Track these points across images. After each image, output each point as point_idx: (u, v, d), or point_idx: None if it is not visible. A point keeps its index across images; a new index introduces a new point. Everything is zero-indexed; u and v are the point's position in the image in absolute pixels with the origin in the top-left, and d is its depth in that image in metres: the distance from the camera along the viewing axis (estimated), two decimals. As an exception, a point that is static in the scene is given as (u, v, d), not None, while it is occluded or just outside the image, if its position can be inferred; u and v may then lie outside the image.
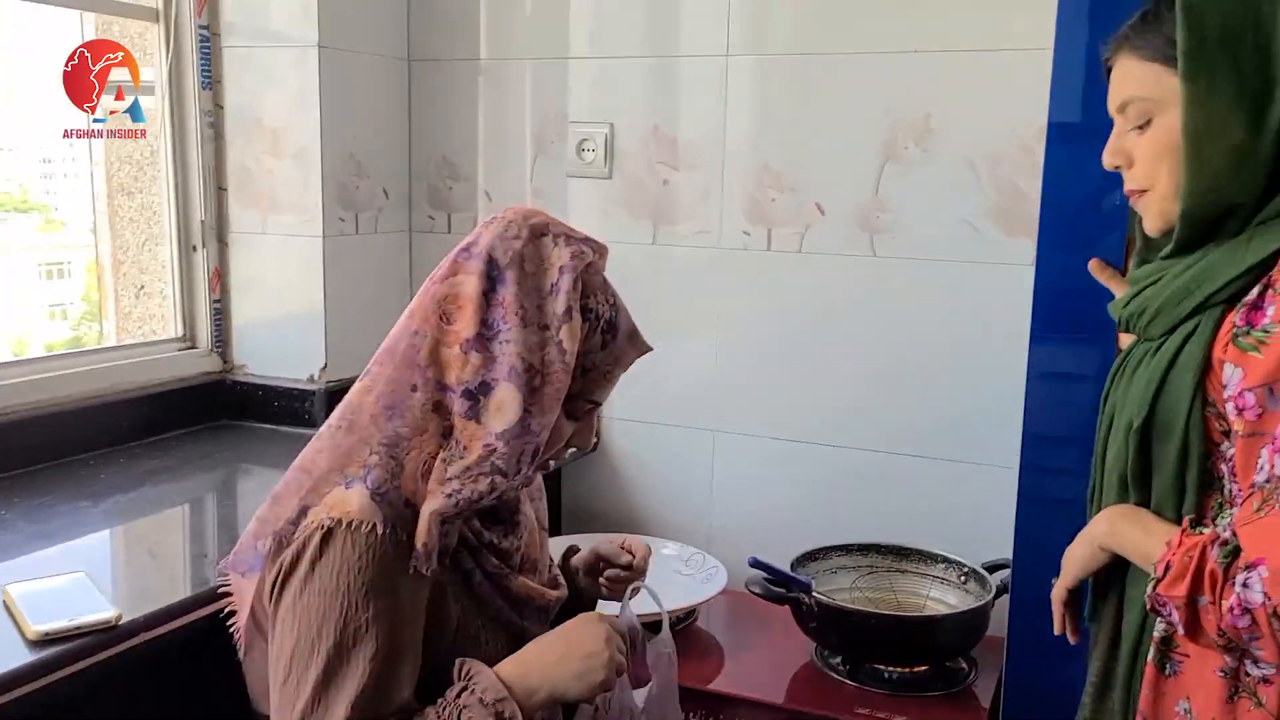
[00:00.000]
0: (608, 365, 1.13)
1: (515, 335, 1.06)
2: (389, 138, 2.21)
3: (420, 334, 1.08)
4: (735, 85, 1.97)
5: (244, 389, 2.14)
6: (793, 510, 2.03)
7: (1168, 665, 1.09)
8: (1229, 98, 1.02)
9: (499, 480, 1.06)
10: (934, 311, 1.87)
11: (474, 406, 1.06)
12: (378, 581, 1.01)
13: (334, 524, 1.02)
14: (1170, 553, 1.01)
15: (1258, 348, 0.97)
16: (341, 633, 1.00)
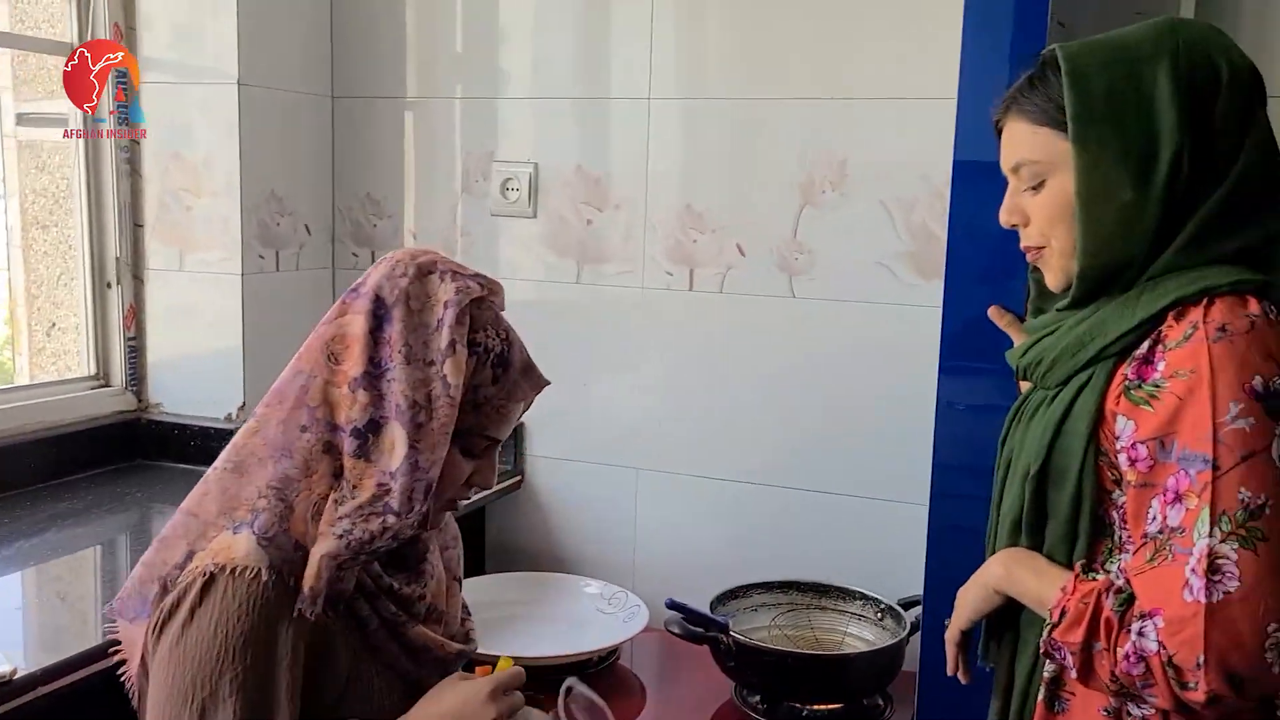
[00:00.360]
0: (500, 400, 1.12)
1: (401, 373, 1.06)
2: (312, 174, 2.20)
3: (309, 375, 1.08)
4: (657, 127, 1.99)
5: (159, 428, 2.10)
6: (716, 548, 2.04)
7: (1056, 703, 1.12)
8: (1116, 160, 1.05)
9: (391, 520, 1.05)
10: (851, 352, 1.90)
11: (363, 445, 1.06)
12: (257, 631, 1.00)
13: (217, 570, 1.01)
14: (1065, 598, 1.04)
15: (1149, 402, 1.01)
16: (216, 683, 0.98)
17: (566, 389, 2.11)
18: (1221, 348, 0.97)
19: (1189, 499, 0.96)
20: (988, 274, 1.45)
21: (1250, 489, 0.95)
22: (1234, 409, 0.96)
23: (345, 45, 2.19)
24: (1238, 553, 0.94)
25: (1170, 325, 1.02)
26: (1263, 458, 0.95)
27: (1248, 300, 1.00)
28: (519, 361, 1.14)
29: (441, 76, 2.16)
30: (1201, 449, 0.96)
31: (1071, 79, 1.07)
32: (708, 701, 1.76)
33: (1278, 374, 0.97)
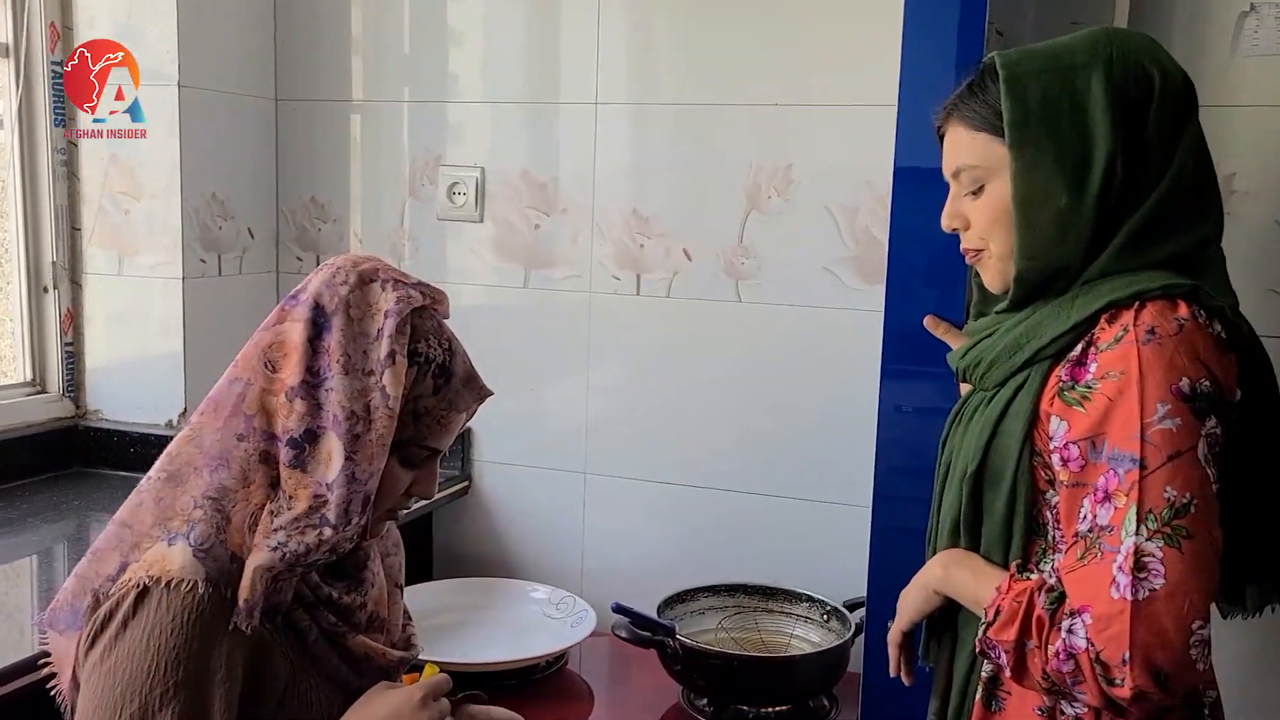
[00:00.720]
0: (441, 411, 1.10)
1: (339, 383, 1.04)
2: (255, 178, 2.17)
3: (246, 382, 1.06)
4: (605, 132, 2.00)
5: (98, 435, 2.06)
6: (664, 551, 2.04)
7: (993, 703, 1.14)
8: (1052, 166, 1.08)
9: (327, 533, 1.03)
10: (797, 356, 1.92)
11: (300, 455, 1.03)
12: (191, 644, 0.98)
13: (151, 582, 0.99)
14: (1000, 598, 1.06)
15: (1081, 403, 1.03)
16: (146, 697, 0.96)
17: (514, 394, 2.11)
18: (1150, 350, 1.00)
19: (1117, 498, 0.99)
20: (928, 279, 1.47)
21: (1176, 488, 0.97)
22: (1161, 410, 0.98)
23: (289, 47, 2.17)
24: (1163, 550, 0.96)
25: (1102, 328, 1.05)
26: (1188, 458, 0.98)
27: (1178, 304, 1.03)
28: (461, 371, 1.12)
29: (388, 80, 2.15)
30: (1129, 449, 0.99)
31: (1008, 86, 1.09)
32: (655, 705, 1.76)
33: (1204, 376, 1.00)
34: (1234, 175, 1.60)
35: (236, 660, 1.01)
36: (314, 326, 1.05)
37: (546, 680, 1.81)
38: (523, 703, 1.52)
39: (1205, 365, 1.00)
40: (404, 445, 1.09)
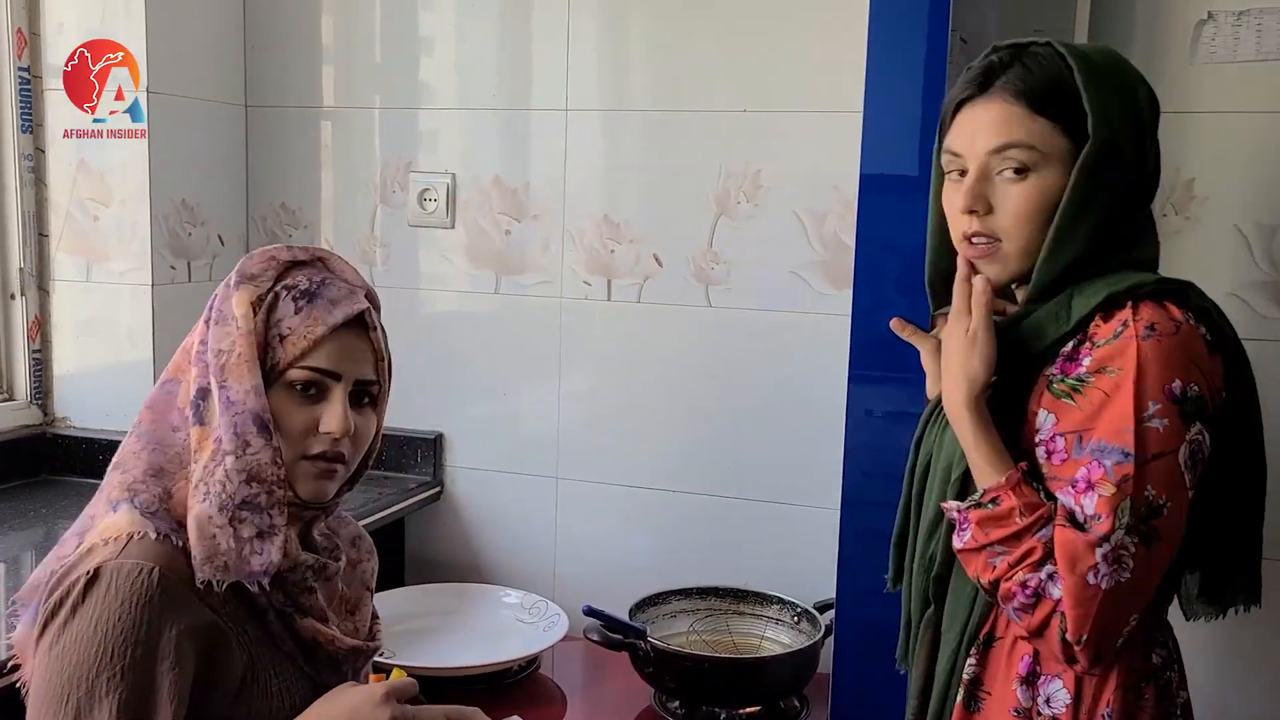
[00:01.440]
0: (307, 327, 1.09)
1: (209, 335, 1.09)
2: (225, 184, 2.16)
3: (175, 381, 1.12)
4: (575, 138, 2.01)
5: (66, 443, 2.05)
6: (636, 555, 2.05)
7: (973, 703, 1.15)
8: (1114, 180, 1.07)
9: (230, 460, 1.04)
10: (767, 360, 1.93)
11: (197, 411, 1.07)
12: (139, 629, 0.98)
13: (101, 567, 0.99)
14: (1006, 490, 1.05)
15: (1072, 395, 1.04)
16: (93, 682, 0.97)
17: (486, 399, 2.12)
18: (1150, 345, 1.01)
19: (1103, 486, 1.00)
20: (896, 285, 1.48)
21: (1155, 488, 0.99)
22: (1152, 408, 1.00)
23: (259, 53, 2.17)
24: (1136, 546, 0.99)
25: (1098, 324, 1.06)
26: (1170, 461, 1.00)
27: (1167, 306, 1.04)
28: (328, 295, 1.12)
29: (358, 85, 2.15)
30: (1120, 442, 1.00)
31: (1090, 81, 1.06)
32: (628, 708, 1.77)
33: (1195, 381, 1.01)
34: (1194, 180, 1.63)
35: (187, 648, 1.01)
36: (207, 307, 1.12)
37: (519, 684, 1.82)
38: (495, 707, 1.52)
39: (1197, 368, 1.02)
40: (282, 370, 1.09)
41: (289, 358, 1.09)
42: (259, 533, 1.05)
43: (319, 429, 1.10)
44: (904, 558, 1.26)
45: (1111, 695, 1.07)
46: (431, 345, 2.11)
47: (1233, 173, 1.63)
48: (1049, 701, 1.09)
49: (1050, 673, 1.09)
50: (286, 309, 1.10)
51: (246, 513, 1.05)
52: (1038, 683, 1.10)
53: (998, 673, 1.13)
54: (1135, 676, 1.09)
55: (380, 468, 2.14)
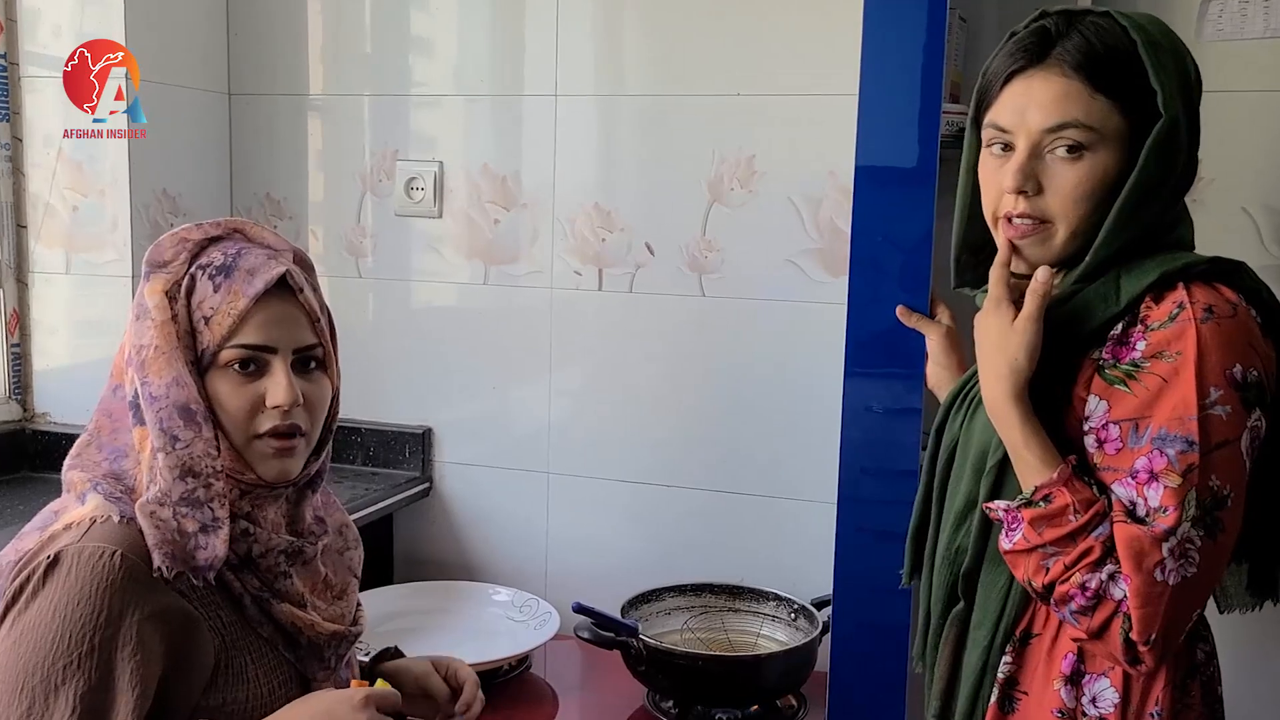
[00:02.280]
0: (229, 304, 1.05)
1: (131, 330, 1.06)
2: (208, 174, 2.12)
3: (121, 385, 1.08)
4: (565, 125, 1.96)
5: (46, 439, 2.01)
6: (630, 551, 2.01)
7: (1008, 704, 1.10)
8: (1175, 167, 1.04)
9: (161, 458, 1.01)
10: (762, 350, 1.89)
11: (136, 413, 1.04)
12: (99, 615, 0.95)
13: (62, 552, 0.97)
14: (1059, 488, 1.00)
15: (1127, 382, 0.99)
16: (49, 670, 0.93)
17: (475, 393, 2.07)
18: (1210, 330, 0.96)
19: (1168, 477, 0.95)
20: (894, 278, 1.43)
21: (1219, 478, 0.95)
22: (1214, 394, 0.95)
23: (242, 40, 2.12)
24: (1201, 540, 0.95)
25: (1149, 306, 1.01)
26: (1233, 449, 0.96)
27: (1218, 288, 1.00)
28: (245, 266, 1.07)
29: (344, 73, 2.10)
30: (1183, 430, 0.95)
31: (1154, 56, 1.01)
32: (621, 707, 1.73)
33: (1254, 365, 0.96)
34: (1199, 162, 1.57)
35: (151, 634, 0.98)
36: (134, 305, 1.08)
37: (510, 684, 1.77)
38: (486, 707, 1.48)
39: (1256, 352, 0.97)
40: (215, 354, 1.05)
41: (217, 339, 1.05)
42: (201, 527, 1.02)
43: (266, 405, 1.06)
44: (922, 551, 1.21)
45: (1161, 693, 1.03)
46: (419, 338, 2.06)
47: (1241, 154, 1.58)
48: (1095, 701, 1.04)
49: (1096, 671, 1.05)
50: (205, 289, 1.06)
51: (186, 508, 1.01)
52: (1083, 682, 1.05)
53: (1036, 671, 1.08)
54: (1183, 673, 1.05)
55: (368, 463, 2.10)
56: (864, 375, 1.49)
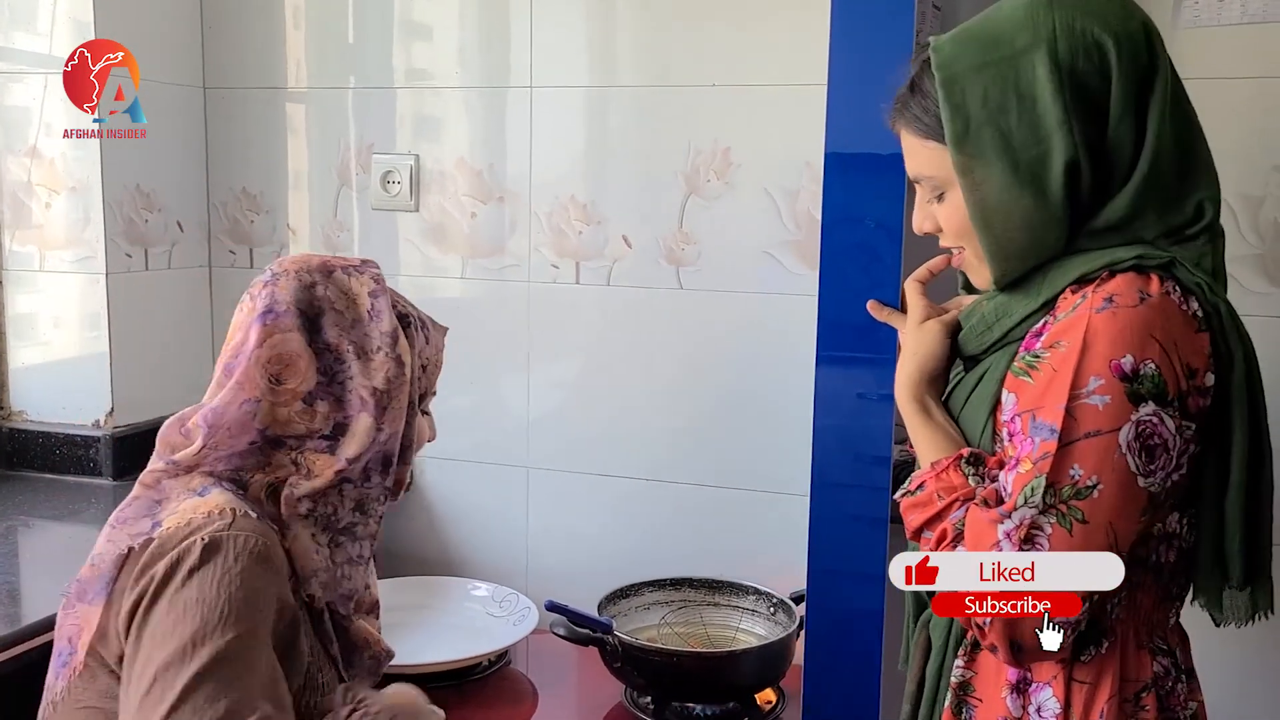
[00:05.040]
0: (434, 355, 1.25)
1: (354, 370, 1.13)
2: (182, 169, 2.10)
3: (255, 400, 1.11)
4: (541, 117, 1.94)
5: (22, 437, 2.00)
6: (610, 546, 2.00)
7: (964, 710, 1.09)
8: (1007, 175, 1.00)
9: (348, 488, 1.14)
10: (739, 342, 1.87)
11: (331, 445, 1.13)
12: (259, 595, 1.03)
13: (216, 537, 1.03)
14: (929, 475, 1.04)
15: (1029, 373, 0.98)
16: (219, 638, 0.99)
17: (453, 388, 2.04)
18: (1102, 318, 0.94)
19: (1023, 464, 0.95)
20: (862, 265, 1.41)
21: (1084, 468, 0.93)
22: (1092, 384, 0.93)
23: (216, 33, 2.10)
24: (1053, 528, 0.93)
25: (1065, 298, 1.00)
26: (1106, 441, 0.93)
27: (1150, 278, 0.96)
28: (426, 316, 1.26)
29: (320, 66, 2.08)
30: (1051, 419, 0.94)
31: (945, 92, 1.01)
32: (599, 703, 1.72)
33: (1153, 358, 0.93)
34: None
35: (284, 625, 1.07)
36: (308, 331, 1.13)
37: (489, 680, 1.77)
38: (464, 703, 1.48)
39: (1158, 345, 0.93)
40: (421, 399, 1.23)
41: (427, 387, 1.24)
42: (349, 559, 1.13)
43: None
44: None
45: (1105, 706, 1.00)
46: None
47: (1218, 141, 1.55)
48: (1039, 711, 1.03)
49: (1041, 680, 1.03)
50: (419, 339, 1.22)
51: (344, 539, 1.13)
52: (1028, 690, 1.04)
53: (989, 678, 1.07)
54: (1132, 687, 1.02)
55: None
56: (836, 362, 1.47)
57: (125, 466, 1.98)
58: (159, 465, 1.13)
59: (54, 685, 1.09)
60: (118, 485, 1.96)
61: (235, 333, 1.15)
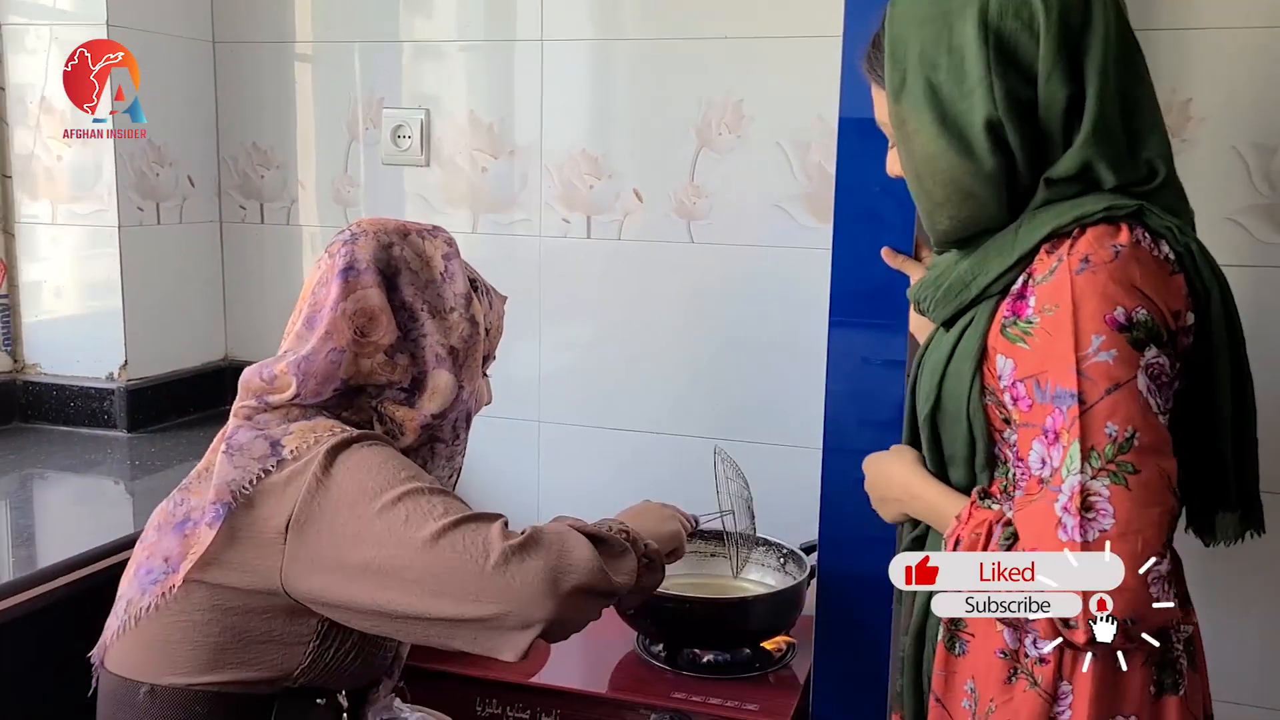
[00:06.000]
0: (496, 319, 1.32)
1: (430, 328, 1.20)
2: (193, 123, 2.10)
3: (340, 350, 1.17)
4: (551, 70, 1.94)
5: (37, 390, 2.01)
6: (620, 498, 1.98)
7: (957, 644, 1.11)
8: (935, 131, 1.02)
9: (439, 447, 1.23)
10: (750, 296, 1.88)
11: (410, 397, 1.20)
12: (407, 464, 1.13)
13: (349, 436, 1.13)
14: (960, 528, 1.03)
15: (1024, 339, 0.99)
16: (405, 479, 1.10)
17: (465, 341, 2.06)
18: (1084, 279, 0.95)
19: (1063, 436, 0.95)
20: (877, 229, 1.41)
21: (1117, 422, 0.93)
22: (1096, 342, 0.94)
23: (225, -13, 2.10)
24: (1110, 489, 0.92)
25: (1041, 259, 1.00)
26: (1127, 390, 0.94)
27: (1120, 228, 0.97)
28: (487, 284, 1.32)
29: (329, 20, 2.07)
30: (1068, 385, 0.94)
31: (890, 45, 1.05)
32: (612, 652, 1.74)
33: (1141, 304, 0.95)
34: (1190, 100, 1.56)
35: None
36: (387, 290, 1.19)
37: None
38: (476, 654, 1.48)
39: (1141, 292, 0.95)
40: (484, 361, 1.29)
41: (488, 350, 1.30)
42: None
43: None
44: None
45: None
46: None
47: (1232, 92, 1.56)
48: (1036, 642, 1.04)
49: None
50: (485, 303, 1.28)
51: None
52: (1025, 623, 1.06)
53: None
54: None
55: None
56: (849, 326, 1.49)
57: (139, 419, 2.00)
58: (251, 403, 1.18)
59: (137, 600, 1.13)
60: (132, 438, 1.98)
61: (317, 288, 1.20)
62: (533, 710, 1.65)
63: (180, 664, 1.12)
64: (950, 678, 1.12)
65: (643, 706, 1.60)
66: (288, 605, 1.11)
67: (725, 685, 1.63)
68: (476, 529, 1.08)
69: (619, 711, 1.61)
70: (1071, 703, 1.02)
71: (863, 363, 1.49)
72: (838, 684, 1.57)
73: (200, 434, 2.03)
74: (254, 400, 1.18)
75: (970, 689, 1.09)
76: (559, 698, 1.64)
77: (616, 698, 1.62)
